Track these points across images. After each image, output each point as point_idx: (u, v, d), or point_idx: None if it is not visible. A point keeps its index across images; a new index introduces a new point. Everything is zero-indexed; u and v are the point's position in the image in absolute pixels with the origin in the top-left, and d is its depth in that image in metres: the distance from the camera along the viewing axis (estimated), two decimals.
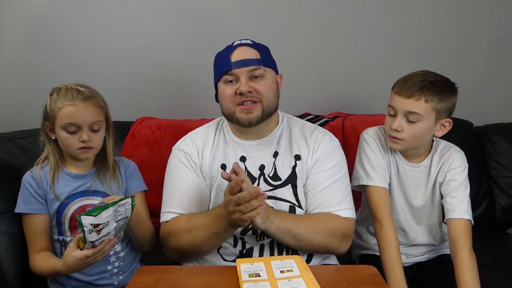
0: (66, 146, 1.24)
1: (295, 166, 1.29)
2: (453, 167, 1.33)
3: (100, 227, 1.03)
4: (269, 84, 1.26)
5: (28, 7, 2.00)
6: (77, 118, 1.20)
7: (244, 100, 1.23)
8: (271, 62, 1.31)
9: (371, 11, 2.08)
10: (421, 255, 1.44)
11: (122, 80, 2.05)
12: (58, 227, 1.26)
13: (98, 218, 1.01)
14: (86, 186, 1.28)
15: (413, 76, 1.27)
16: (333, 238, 1.23)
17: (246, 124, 1.25)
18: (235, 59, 1.24)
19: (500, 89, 2.17)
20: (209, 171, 1.31)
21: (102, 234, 1.05)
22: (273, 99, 1.27)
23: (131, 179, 1.36)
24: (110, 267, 1.29)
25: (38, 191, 1.25)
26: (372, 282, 1.00)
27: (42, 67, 2.02)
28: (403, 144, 1.30)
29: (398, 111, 1.27)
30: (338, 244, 1.24)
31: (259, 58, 1.25)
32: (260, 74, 1.25)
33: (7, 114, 2.03)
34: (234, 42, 1.30)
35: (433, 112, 1.25)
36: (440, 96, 1.24)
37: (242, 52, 1.25)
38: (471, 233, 1.28)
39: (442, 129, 1.31)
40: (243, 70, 1.23)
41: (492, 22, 2.12)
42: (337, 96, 2.10)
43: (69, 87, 1.24)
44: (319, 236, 1.21)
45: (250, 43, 1.28)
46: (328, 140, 1.33)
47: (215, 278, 1.03)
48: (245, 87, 1.21)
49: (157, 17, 2.04)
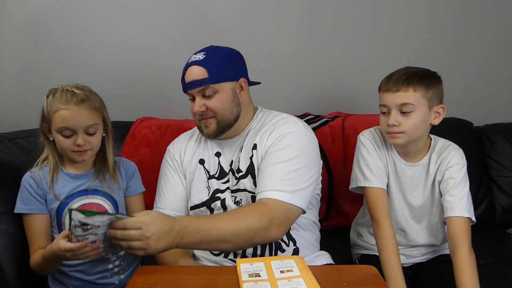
0: (62, 149, 1.24)
1: (252, 156, 1.31)
2: (451, 165, 1.33)
3: (88, 227, 1.00)
4: (222, 99, 1.29)
5: (27, 7, 2.00)
6: (71, 122, 1.20)
7: (201, 118, 1.32)
8: (223, 75, 1.29)
9: (372, 11, 2.08)
10: (421, 256, 1.43)
11: (122, 80, 2.05)
12: (59, 227, 1.26)
13: (89, 219, 0.99)
14: (86, 185, 1.28)
15: (396, 72, 1.31)
16: (256, 231, 1.14)
17: (206, 136, 1.36)
18: (187, 80, 1.31)
19: (500, 89, 2.17)
20: (188, 166, 1.39)
21: (88, 233, 1.01)
22: (228, 112, 1.31)
23: (132, 180, 1.36)
24: (111, 265, 1.29)
25: (38, 191, 1.25)
26: (372, 282, 1.00)
27: (42, 67, 2.02)
28: (404, 137, 1.30)
29: (391, 107, 1.29)
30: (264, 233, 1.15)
31: (206, 77, 1.27)
32: (210, 93, 1.29)
33: (7, 114, 2.03)
34: (191, 57, 1.33)
35: (424, 100, 1.28)
36: (425, 83, 1.28)
37: (191, 72, 1.30)
38: (470, 231, 1.28)
39: (438, 116, 1.33)
40: (194, 91, 1.30)
41: (492, 22, 2.12)
42: (337, 96, 2.10)
43: (64, 89, 1.23)
44: (240, 234, 1.13)
45: (200, 60, 1.29)
46: (290, 125, 1.29)
47: (215, 278, 1.03)
48: (197, 108, 1.30)
49: (157, 17, 2.04)
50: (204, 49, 1.34)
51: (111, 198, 1.30)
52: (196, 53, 1.33)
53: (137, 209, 1.36)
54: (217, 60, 1.30)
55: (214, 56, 1.30)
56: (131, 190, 1.36)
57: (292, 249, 1.30)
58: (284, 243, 1.30)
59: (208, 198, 1.34)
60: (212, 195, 1.34)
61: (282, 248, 1.29)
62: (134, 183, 1.36)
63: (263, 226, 1.14)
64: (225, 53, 1.33)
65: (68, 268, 1.26)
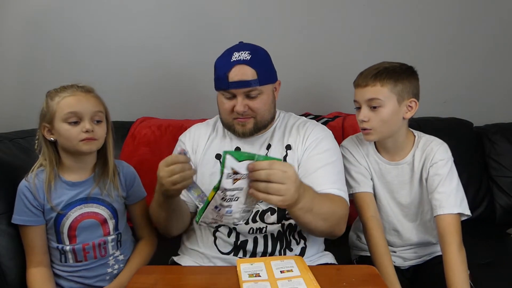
0: (68, 139, 1.19)
1: (286, 156, 1.31)
2: (435, 161, 1.32)
3: (237, 176, 0.92)
4: (265, 100, 1.29)
5: (28, 7, 2.00)
6: (78, 106, 1.18)
7: (238, 117, 1.29)
8: (268, 77, 1.30)
9: (372, 11, 2.08)
10: (418, 258, 1.43)
11: (122, 80, 2.06)
12: (57, 236, 1.24)
13: (242, 164, 0.92)
14: (85, 193, 1.24)
15: (368, 68, 1.33)
16: (341, 219, 1.22)
17: (241, 135, 1.31)
18: (232, 78, 1.25)
19: (500, 89, 2.17)
20: (202, 159, 1.35)
21: (236, 186, 0.94)
22: (267, 113, 1.32)
23: (133, 189, 1.34)
24: (110, 270, 1.28)
25: (34, 203, 1.21)
26: (372, 282, 1.00)
27: (42, 67, 2.03)
28: (375, 133, 1.31)
29: (361, 103, 1.31)
30: (342, 224, 1.23)
31: (255, 79, 1.26)
32: (256, 94, 1.27)
33: (7, 114, 2.03)
34: (233, 54, 1.27)
35: (393, 95, 1.28)
36: (394, 78, 1.28)
37: (239, 72, 1.25)
38: (460, 227, 1.26)
39: (410, 110, 1.32)
40: (239, 91, 1.26)
41: (492, 22, 2.12)
42: (337, 96, 2.10)
43: (65, 85, 1.23)
44: (334, 215, 1.19)
45: (248, 60, 1.26)
46: (320, 129, 1.36)
47: (215, 278, 1.03)
48: (241, 108, 1.26)
49: (157, 17, 2.04)
50: (244, 46, 1.30)
51: (111, 206, 1.27)
52: (237, 50, 1.27)
53: (139, 214, 1.36)
54: (262, 60, 1.30)
55: (258, 56, 1.28)
56: (133, 198, 1.34)
57: (300, 248, 1.30)
58: (295, 241, 1.30)
59: None
60: None
61: (290, 247, 1.29)
62: (135, 191, 1.34)
63: (344, 216, 1.22)
64: (265, 53, 1.33)
65: (67, 273, 1.26)
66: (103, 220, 1.26)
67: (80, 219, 1.23)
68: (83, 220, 1.23)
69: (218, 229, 1.31)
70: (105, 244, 1.27)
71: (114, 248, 1.29)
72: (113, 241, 1.28)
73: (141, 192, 1.37)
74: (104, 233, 1.26)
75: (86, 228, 1.24)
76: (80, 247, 1.24)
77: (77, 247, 1.24)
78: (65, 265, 1.26)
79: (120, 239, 1.30)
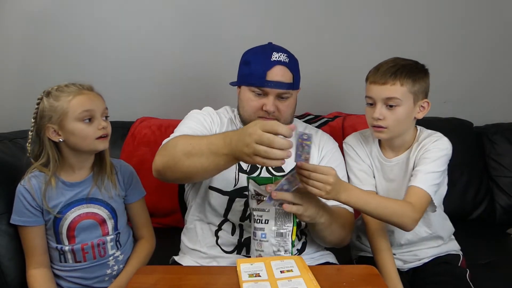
0: (84, 138, 1.18)
1: None
2: (429, 149, 1.28)
3: (260, 197, 1.09)
4: (291, 104, 1.33)
5: (27, 7, 2.00)
6: (92, 104, 1.19)
7: (263, 116, 1.28)
8: (299, 82, 1.35)
9: (373, 12, 2.08)
10: (417, 260, 1.41)
11: (122, 80, 2.05)
12: (56, 236, 1.24)
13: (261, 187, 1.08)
14: (83, 194, 1.24)
15: (384, 64, 1.30)
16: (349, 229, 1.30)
17: None
18: (270, 78, 1.26)
19: (500, 89, 2.17)
20: None
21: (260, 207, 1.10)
22: (290, 117, 1.35)
23: (131, 188, 1.34)
24: (109, 271, 1.29)
25: (33, 204, 1.21)
26: (372, 282, 1.00)
27: (42, 67, 2.02)
28: (388, 132, 1.29)
29: (376, 100, 1.28)
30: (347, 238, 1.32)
31: (291, 83, 1.29)
32: (287, 96, 1.30)
33: (7, 114, 2.02)
34: (272, 54, 1.28)
35: (410, 95, 1.27)
36: (413, 77, 1.26)
37: (280, 72, 1.27)
38: (424, 204, 1.21)
39: (422, 111, 1.31)
40: (275, 91, 1.27)
41: (493, 22, 2.12)
42: (337, 96, 2.10)
43: (63, 84, 1.22)
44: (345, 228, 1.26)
45: (287, 62, 1.28)
46: (332, 141, 1.42)
47: (215, 278, 1.03)
48: (271, 108, 1.27)
49: (157, 17, 2.04)
50: (280, 48, 1.32)
51: (109, 206, 1.27)
52: (276, 51, 1.28)
53: (138, 213, 1.36)
54: (296, 66, 1.33)
55: (294, 61, 1.32)
56: (132, 198, 1.34)
57: (301, 243, 1.31)
58: (297, 237, 1.30)
59: (232, 190, 1.29)
60: (240, 191, 1.28)
61: None
62: (134, 190, 1.34)
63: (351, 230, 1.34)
64: (296, 59, 1.35)
65: (66, 273, 1.26)
66: (102, 220, 1.26)
67: (79, 220, 1.23)
68: (81, 221, 1.24)
69: (221, 227, 1.30)
70: (104, 244, 1.27)
71: (113, 248, 1.29)
72: (112, 241, 1.28)
73: (140, 191, 1.37)
74: (103, 233, 1.27)
75: (85, 228, 1.24)
76: (79, 247, 1.24)
77: (76, 247, 1.24)
78: (65, 265, 1.26)
79: (119, 239, 1.30)
